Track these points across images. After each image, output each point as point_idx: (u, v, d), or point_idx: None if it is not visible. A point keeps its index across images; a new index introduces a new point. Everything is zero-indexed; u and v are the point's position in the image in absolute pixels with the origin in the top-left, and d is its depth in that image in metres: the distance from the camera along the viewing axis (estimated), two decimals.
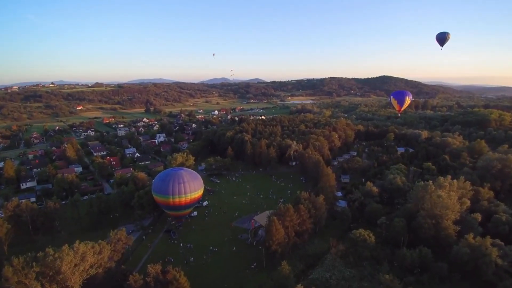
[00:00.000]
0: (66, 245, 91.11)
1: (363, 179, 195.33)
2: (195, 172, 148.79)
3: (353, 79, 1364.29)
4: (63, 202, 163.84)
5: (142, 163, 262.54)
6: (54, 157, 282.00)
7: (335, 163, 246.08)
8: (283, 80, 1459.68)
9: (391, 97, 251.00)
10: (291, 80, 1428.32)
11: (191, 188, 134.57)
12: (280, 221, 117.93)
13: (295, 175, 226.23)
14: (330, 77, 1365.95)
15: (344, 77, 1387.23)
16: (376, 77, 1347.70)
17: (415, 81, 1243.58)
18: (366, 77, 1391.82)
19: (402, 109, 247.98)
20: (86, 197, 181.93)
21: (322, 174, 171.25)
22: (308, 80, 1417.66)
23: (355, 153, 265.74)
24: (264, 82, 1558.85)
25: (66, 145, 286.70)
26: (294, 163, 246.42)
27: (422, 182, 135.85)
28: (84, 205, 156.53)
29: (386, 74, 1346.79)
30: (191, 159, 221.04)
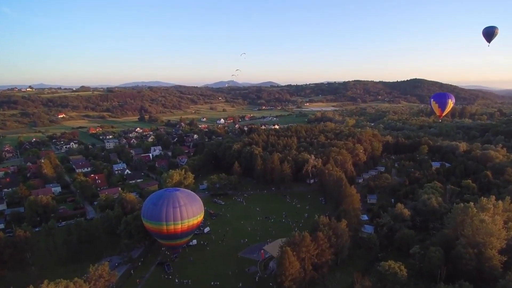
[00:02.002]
0: (31, 287, 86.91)
1: (393, 200, 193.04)
2: (194, 194, 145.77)
3: (381, 82, 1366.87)
4: (36, 229, 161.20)
5: (133, 181, 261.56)
6: (28, 175, 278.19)
7: (360, 180, 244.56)
8: (300, 83, 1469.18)
9: (431, 100, 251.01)
10: (309, 84, 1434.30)
11: (189, 212, 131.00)
12: (294, 252, 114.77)
13: (313, 195, 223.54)
14: (354, 80, 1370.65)
15: (370, 80, 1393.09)
16: (407, 80, 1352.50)
17: (451, 85, 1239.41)
18: (395, 80, 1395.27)
19: (444, 114, 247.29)
20: (64, 223, 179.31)
21: (344, 195, 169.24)
22: (329, 84, 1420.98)
23: (383, 169, 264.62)
24: (278, 86, 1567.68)
25: (42, 161, 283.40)
26: (312, 181, 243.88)
27: (462, 204, 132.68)
28: (61, 232, 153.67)
29: (417, 77, 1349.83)
30: (191, 177, 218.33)
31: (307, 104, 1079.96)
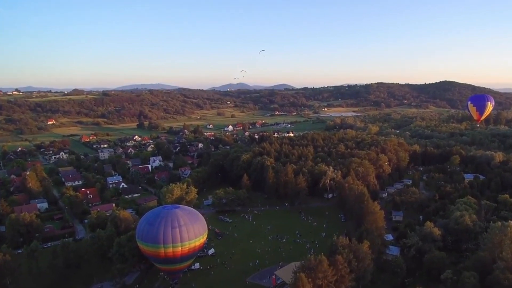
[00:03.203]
0: None
1: (421, 217, 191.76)
2: (196, 211, 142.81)
3: (407, 85, 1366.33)
4: (19, 251, 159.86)
5: (129, 196, 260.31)
6: (12, 189, 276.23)
7: (384, 195, 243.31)
8: (317, 86, 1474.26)
9: (469, 102, 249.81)
10: (328, 87, 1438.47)
11: (190, 233, 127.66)
12: (310, 278, 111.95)
13: (331, 211, 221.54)
14: (378, 83, 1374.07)
15: (395, 82, 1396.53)
16: (436, 82, 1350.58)
17: (485, 88, 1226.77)
18: (422, 82, 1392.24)
19: (483, 118, 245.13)
20: (50, 244, 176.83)
21: (366, 211, 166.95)
22: (350, 87, 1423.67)
23: (409, 182, 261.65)
24: (293, 89, 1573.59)
25: (28, 173, 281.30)
26: (330, 196, 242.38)
27: (499, 222, 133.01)
28: (46, 255, 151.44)
29: (448, 79, 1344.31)
30: (193, 192, 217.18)
31: (325, 109, 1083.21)
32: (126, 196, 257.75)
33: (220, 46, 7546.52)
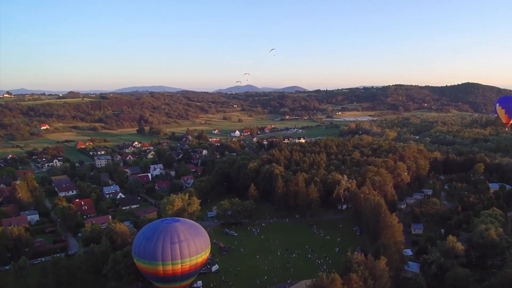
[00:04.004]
0: None
1: (443, 231, 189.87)
2: (198, 225, 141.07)
3: (427, 87, 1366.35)
4: (6, 268, 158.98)
5: (127, 207, 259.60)
6: (1, 199, 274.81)
7: (403, 206, 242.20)
8: (330, 88, 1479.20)
9: (497, 104, 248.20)
10: (342, 89, 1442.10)
11: (191, 249, 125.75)
12: None
13: (345, 224, 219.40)
14: (395, 85, 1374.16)
15: (414, 84, 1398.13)
16: (458, 84, 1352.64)
17: (510, 90, 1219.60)
18: (443, 84, 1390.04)
19: None
20: (41, 259, 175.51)
21: (384, 224, 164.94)
22: (365, 89, 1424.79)
23: (430, 192, 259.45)
24: (304, 92, 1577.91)
25: (18, 182, 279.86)
26: (344, 207, 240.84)
27: None
28: (36, 272, 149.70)
29: (470, 81, 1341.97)
30: (196, 203, 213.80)
31: (339, 113, 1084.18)
32: (124, 208, 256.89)
33: (227, 45, 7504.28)
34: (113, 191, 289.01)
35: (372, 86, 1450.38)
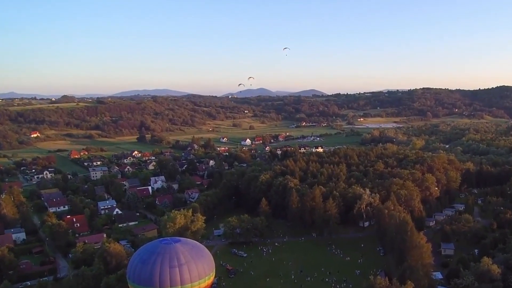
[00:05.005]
0: None
1: (476, 251, 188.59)
2: (201, 246, 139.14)
3: (457, 91, 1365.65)
4: None
5: (124, 224, 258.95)
6: None
7: (431, 223, 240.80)
8: (351, 92, 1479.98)
9: None
10: (364, 93, 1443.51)
11: (193, 274, 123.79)
12: None
13: (367, 243, 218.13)
14: (423, 88, 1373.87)
15: (444, 88, 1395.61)
16: (492, 88, 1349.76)
17: None
18: (476, 88, 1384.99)
19: None
20: (27, 283, 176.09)
21: (410, 244, 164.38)
22: (390, 93, 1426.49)
23: (462, 207, 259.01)
24: (323, 96, 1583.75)
25: (3, 196, 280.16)
26: (366, 225, 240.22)
27: None
28: None
29: (506, 84, 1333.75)
30: (201, 220, 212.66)
31: (361, 119, 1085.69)
32: (121, 225, 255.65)
33: (237, 45, 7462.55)
34: (109, 206, 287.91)
35: (398, 90, 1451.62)
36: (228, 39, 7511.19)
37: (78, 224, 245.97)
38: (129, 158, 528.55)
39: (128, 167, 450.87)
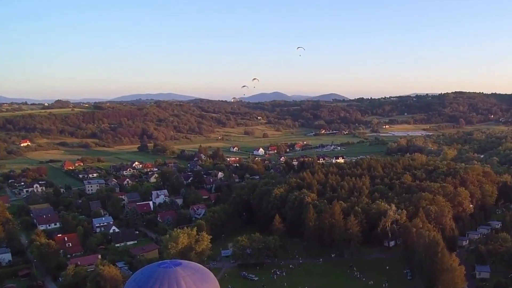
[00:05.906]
0: None
1: None
2: (205, 270, 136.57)
3: (493, 95, 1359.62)
4: None
5: (122, 244, 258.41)
6: None
7: (465, 243, 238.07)
8: (376, 96, 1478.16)
9: None
10: (390, 97, 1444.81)
11: None
12: None
13: (393, 265, 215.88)
14: (455, 92, 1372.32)
15: (478, 92, 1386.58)
16: None
17: None
18: None
19: None
20: None
21: (441, 267, 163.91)
22: (418, 97, 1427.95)
23: (499, 225, 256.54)
24: (344, 100, 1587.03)
25: None
26: (392, 244, 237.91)
27: None
28: None
29: None
30: (206, 240, 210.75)
31: (387, 126, 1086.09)
32: (118, 245, 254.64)
33: (249, 45, 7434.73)
34: (105, 223, 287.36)
35: (427, 94, 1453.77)
36: (240, 39, 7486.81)
37: (70, 244, 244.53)
38: (128, 169, 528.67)
39: (127, 179, 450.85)
